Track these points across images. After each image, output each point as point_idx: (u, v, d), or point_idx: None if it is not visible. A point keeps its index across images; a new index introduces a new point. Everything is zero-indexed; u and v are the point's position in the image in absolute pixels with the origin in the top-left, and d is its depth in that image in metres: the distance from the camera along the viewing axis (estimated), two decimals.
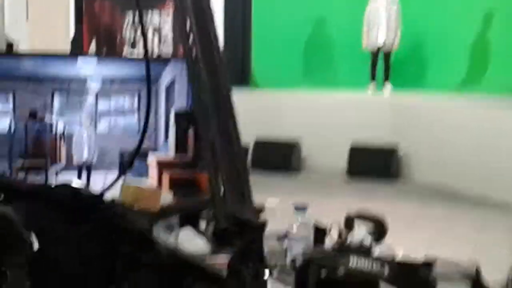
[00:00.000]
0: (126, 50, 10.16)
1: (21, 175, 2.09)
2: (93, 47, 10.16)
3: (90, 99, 2.24)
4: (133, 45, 10.39)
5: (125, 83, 2.28)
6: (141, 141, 1.77)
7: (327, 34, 10.75)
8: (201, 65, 1.32)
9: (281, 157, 8.10)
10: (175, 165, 2.25)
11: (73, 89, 2.21)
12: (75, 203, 1.27)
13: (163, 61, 2.46)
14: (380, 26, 9.14)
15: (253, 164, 8.02)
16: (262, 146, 8.18)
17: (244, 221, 1.20)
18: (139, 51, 9.88)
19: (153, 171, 2.21)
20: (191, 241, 2.15)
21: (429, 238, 5.33)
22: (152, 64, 2.35)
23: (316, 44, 10.76)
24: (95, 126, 2.23)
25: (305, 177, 8.04)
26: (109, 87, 2.26)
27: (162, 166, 2.23)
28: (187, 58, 1.35)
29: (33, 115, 2.13)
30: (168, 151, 2.26)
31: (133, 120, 2.28)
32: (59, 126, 2.18)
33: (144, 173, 2.20)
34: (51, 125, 2.16)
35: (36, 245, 1.18)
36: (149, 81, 1.73)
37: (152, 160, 2.23)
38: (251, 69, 10.26)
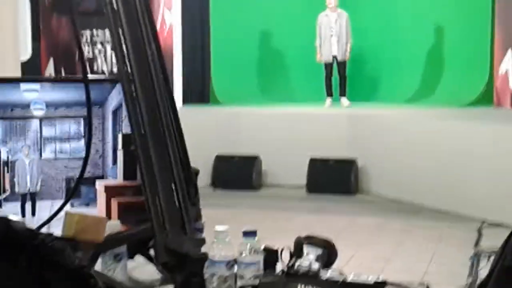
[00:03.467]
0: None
1: None
2: (51, 66, 10.02)
3: (34, 125, 2.18)
4: (91, 63, 10.30)
5: (70, 107, 2.23)
6: (84, 167, 1.72)
7: (279, 49, 10.80)
8: (137, 84, 1.26)
9: (241, 171, 8.07)
10: (123, 190, 2.20)
11: (16, 115, 2.15)
12: (8, 238, 1.21)
13: (109, 82, 2.37)
14: (333, 37, 9.28)
15: (213, 178, 8.02)
16: (223, 161, 8.18)
17: (184, 254, 1.16)
18: (98, 69, 9.79)
19: (101, 198, 2.16)
20: (142, 269, 2.12)
21: (389, 249, 5.35)
22: (98, 86, 2.31)
23: (270, 60, 10.80)
24: (40, 153, 2.17)
25: (265, 192, 8.04)
26: (53, 112, 2.20)
27: (110, 192, 2.18)
28: (121, 78, 1.29)
29: None
30: (117, 177, 2.22)
31: (79, 146, 2.22)
32: (2, 154, 2.12)
33: (92, 200, 2.15)
34: None
35: None
36: (89, 104, 1.67)
37: (99, 186, 2.18)
38: (211, 86, 10.25)
